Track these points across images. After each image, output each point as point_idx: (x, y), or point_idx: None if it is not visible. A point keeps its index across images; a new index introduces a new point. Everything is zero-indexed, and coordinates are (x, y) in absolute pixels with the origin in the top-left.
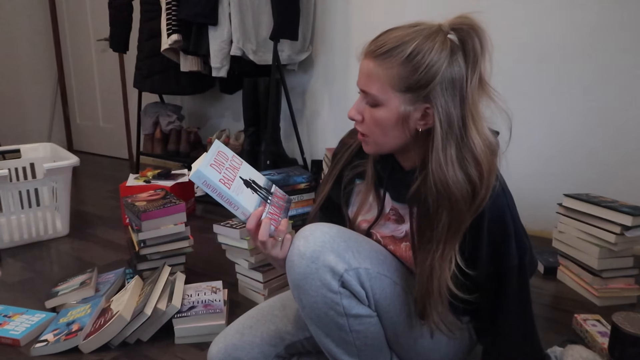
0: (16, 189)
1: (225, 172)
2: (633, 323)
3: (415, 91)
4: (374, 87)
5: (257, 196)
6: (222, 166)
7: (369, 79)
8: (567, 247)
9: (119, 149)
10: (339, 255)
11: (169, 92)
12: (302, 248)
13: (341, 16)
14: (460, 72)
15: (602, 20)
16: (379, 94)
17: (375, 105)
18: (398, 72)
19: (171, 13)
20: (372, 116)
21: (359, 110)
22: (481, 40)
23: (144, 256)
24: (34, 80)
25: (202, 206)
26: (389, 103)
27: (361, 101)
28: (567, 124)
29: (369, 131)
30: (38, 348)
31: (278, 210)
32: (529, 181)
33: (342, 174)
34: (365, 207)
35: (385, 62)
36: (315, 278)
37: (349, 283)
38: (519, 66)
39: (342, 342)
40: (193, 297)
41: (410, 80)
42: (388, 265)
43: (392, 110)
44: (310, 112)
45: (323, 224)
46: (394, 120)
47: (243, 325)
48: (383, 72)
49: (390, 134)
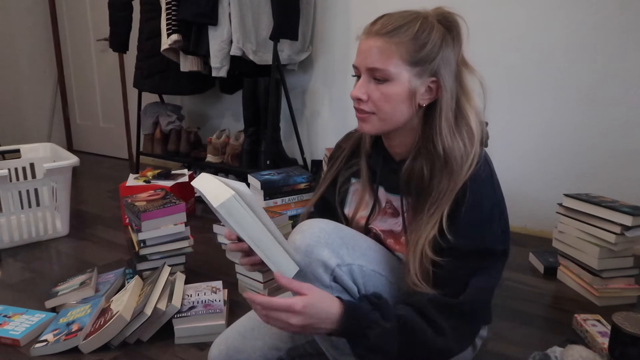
0: (16, 189)
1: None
2: (633, 323)
3: (423, 65)
4: (387, 62)
5: None
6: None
7: (380, 54)
8: (567, 247)
9: (119, 149)
10: (333, 251)
11: (169, 92)
12: (297, 242)
13: (341, 16)
14: (451, 52)
15: (602, 20)
16: (392, 68)
17: (385, 81)
18: (408, 47)
19: (171, 13)
20: (383, 92)
21: (363, 89)
22: (460, 28)
23: (144, 256)
24: (34, 80)
25: (202, 206)
26: (400, 77)
27: (365, 82)
28: (568, 124)
29: (377, 108)
30: (38, 348)
31: None
32: (529, 181)
33: (338, 175)
34: (362, 204)
35: (395, 37)
36: (308, 272)
37: (341, 278)
38: (519, 66)
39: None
40: (193, 297)
41: (420, 55)
42: (384, 264)
43: (403, 84)
44: (310, 112)
45: (321, 220)
46: (404, 95)
47: (245, 327)
48: (394, 47)
49: (398, 109)
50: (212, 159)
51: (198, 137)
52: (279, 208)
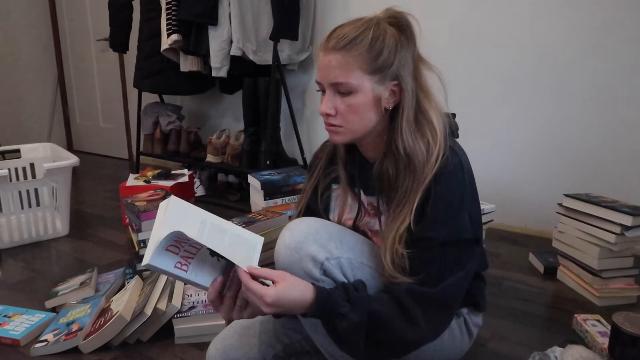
0: (16, 189)
1: (185, 249)
2: (633, 323)
3: (382, 71)
4: (348, 76)
5: (224, 261)
6: (180, 243)
7: (340, 69)
8: (567, 247)
9: (119, 149)
10: (321, 246)
11: (169, 92)
12: (287, 239)
13: (341, 16)
14: (407, 52)
15: (601, 20)
16: (353, 80)
17: (349, 94)
18: (365, 57)
19: (171, 13)
20: (349, 105)
21: (330, 104)
22: (412, 26)
23: (144, 256)
24: (34, 80)
25: (202, 206)
26: (363, 87)
27: (331, 95)
28: (567, 124)
29: (345, 121)
30: (38, 348)
31: None
32: (528, 181)
33: (318, 184)
34: (346, 208)
35: (352, 50)
36: (298, 267)
37: (330, 271)
38: (518, 65)
39: None
40: (193, 297)
41: (378, 62)
42: (372, 256)
43: (366, 94)
44: (310, 112)
45: (309, 218)
46: (370, 103)
47: (241, 326)
48: (352, 59)
49: (366, 118)
50: (212, 159)
51: (198, 137)
52: (279, 208)
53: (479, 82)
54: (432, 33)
